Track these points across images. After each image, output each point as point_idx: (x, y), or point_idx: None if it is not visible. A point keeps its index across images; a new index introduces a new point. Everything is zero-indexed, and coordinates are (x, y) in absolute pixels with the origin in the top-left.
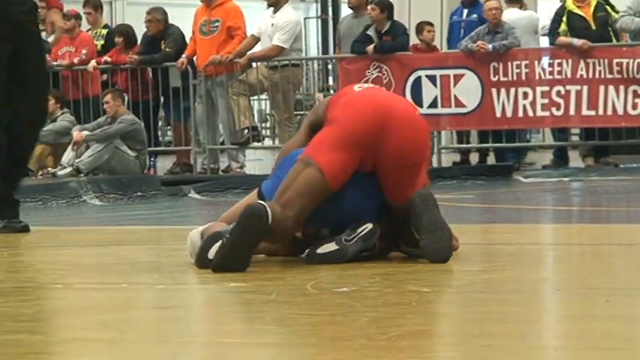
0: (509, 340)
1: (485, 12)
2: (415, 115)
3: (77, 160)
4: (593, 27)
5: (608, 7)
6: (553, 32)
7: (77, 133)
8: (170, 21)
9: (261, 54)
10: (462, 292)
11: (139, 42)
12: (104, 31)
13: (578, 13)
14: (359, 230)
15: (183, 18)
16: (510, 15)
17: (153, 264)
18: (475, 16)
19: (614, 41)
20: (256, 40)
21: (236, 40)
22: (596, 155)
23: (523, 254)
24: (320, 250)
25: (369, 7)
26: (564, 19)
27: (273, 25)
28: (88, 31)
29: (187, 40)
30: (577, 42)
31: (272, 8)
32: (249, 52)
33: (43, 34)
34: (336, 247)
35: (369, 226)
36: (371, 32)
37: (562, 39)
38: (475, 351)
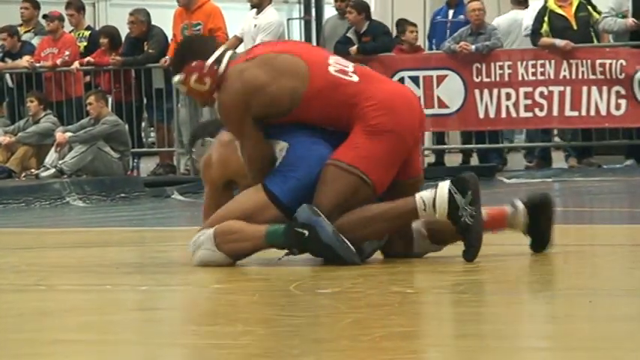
0: (493, 341)
1: (469, 13)
2: None
3: (60, 162)
4: (575, 27)
5: (589, 7)
6: (535, 33)
7: (60, 135)
8: (153, 22)
9: None
10: (445, 293)
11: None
12: (87, 33)
13: (559, 13)
14: None
15: (166, 19)
16: (519, 16)
17: (136, 265)
18: (462, 16)
19: (596, 42)
20: (239, 41)
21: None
22: (579, 156)
23: (506, 255)
24: None
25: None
26: (546, 18)
27: (255, 26)
28: (70, 32)
29: (170, 41)
30: (560, 42)
31: (255, 9)
32: None
33: (27, 35)
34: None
35: None
36: (350, 34)
37: (545, 40)
38: (458, 352)
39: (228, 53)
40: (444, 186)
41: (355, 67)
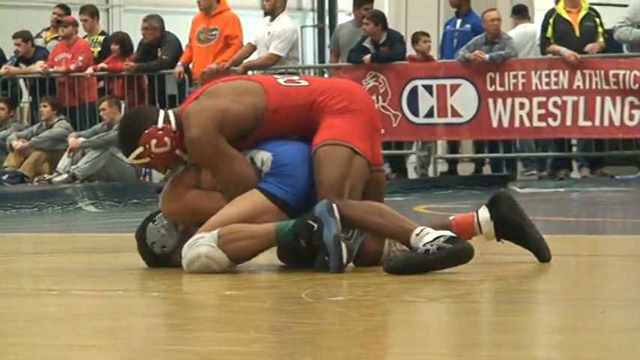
0: (503, 351)
1: (487, 22)
2: None
3: (73, 167)
4: (577, 34)
5: (597, 20)
6: (542, 37)
7: (73, 140)
8: (166, 28)
9: (258, 62)
10: (457, 302)
11: (135, 49)
12: (101, 38)
13: (565, 18)
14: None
15: (180, 25)
16: (527, 29)
17: (148, 271)
18: (468, 26)
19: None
20: (253, 48)
21: (232, 48)
22: (591, 166)
23: (518, 264)
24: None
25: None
26: (551, 20)
27: (269, 33)
28: (84, 37)
29: (183, 47)
30: (565, 52)
31: (269, 17)
32: (245, 61)
33: (53, 42)
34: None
35: None
36: (367, 44)
37: (552, 47)
38: None
39: (170, 111)
40: (444, 234)
41: (301, 76)
